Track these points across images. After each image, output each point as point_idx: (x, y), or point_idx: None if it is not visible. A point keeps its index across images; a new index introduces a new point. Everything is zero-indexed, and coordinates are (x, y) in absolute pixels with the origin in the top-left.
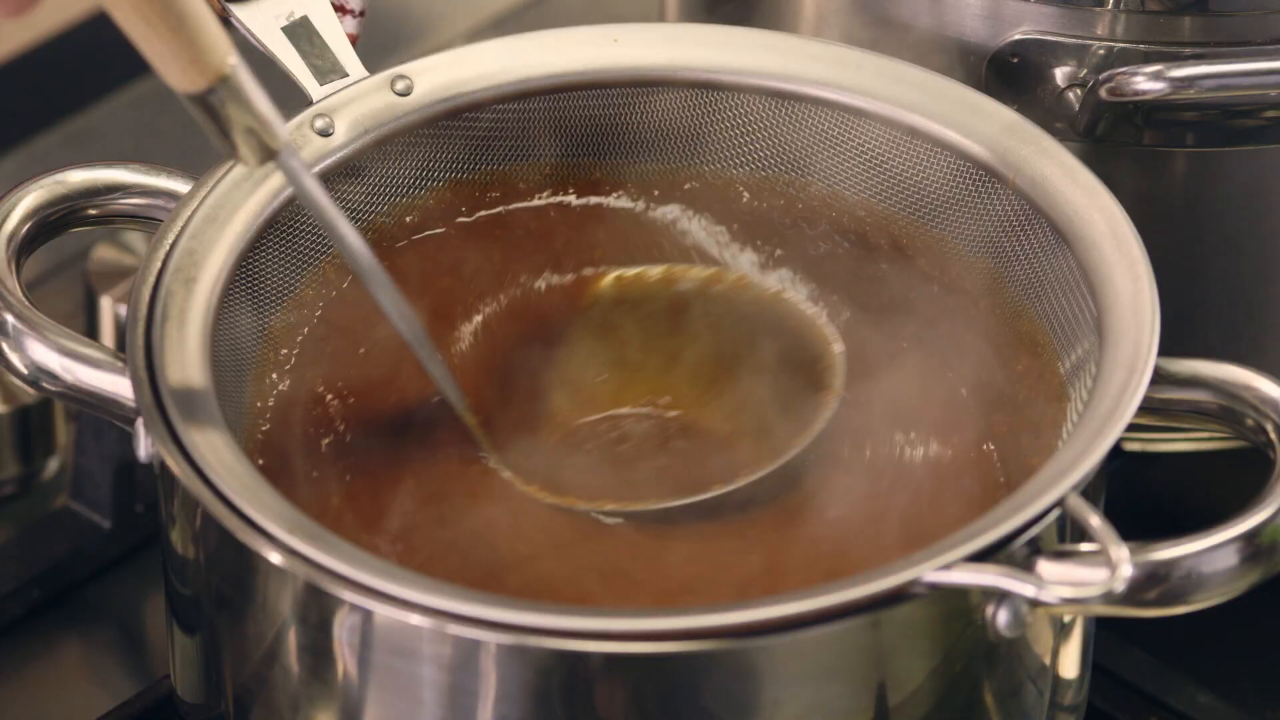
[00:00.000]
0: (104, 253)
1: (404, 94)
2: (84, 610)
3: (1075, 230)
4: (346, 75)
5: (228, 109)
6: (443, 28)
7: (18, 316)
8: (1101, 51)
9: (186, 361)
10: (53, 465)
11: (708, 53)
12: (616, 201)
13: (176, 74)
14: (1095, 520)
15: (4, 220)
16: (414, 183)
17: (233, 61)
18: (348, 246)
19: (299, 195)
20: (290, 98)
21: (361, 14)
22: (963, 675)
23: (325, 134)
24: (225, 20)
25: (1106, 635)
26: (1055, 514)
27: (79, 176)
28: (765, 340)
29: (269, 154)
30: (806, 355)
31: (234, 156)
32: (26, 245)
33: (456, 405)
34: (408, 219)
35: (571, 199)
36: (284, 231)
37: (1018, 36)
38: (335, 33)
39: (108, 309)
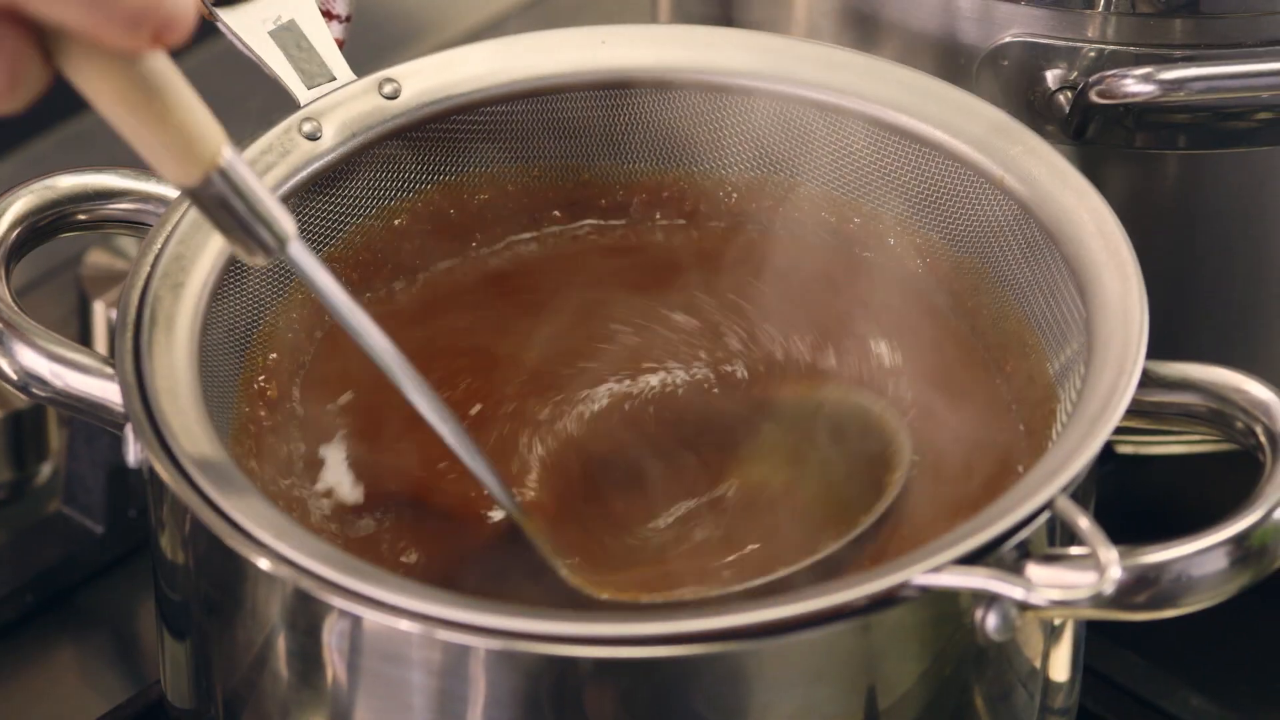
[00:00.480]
0: (97, 258)
1: (392, 97)
2: (77, 615)
3: (1064, 230)
4: (334, 79)
5: (226, 202)
6: (432, 32)
7: (6, 322)
8: (1092, 54)
9: (175, 367)
10: (45, 470)
11: (696, 54)
12: (606, 205)
13: (169, 166)
14: (1084, 522)
15: None
16: (403, 186)
17: (227, 153)
18: (371, 344)
19: (313, 290)
20: (278, 101)
21: (348, 19)
22: (953, 678)
23: (313, 138)
24: (211, 24)
25: (1098, 637)
26: (1045, 516)
27: (69, 181)
28: (826, 434)
29: (272, 249)
30: (871, 446)
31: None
32: (16, 251)
33: (511, 510)
34: (396, 222)
35: (561, 205)
36: None
37: (1008, 39)
38: (322, 36)
39: (101, 314)
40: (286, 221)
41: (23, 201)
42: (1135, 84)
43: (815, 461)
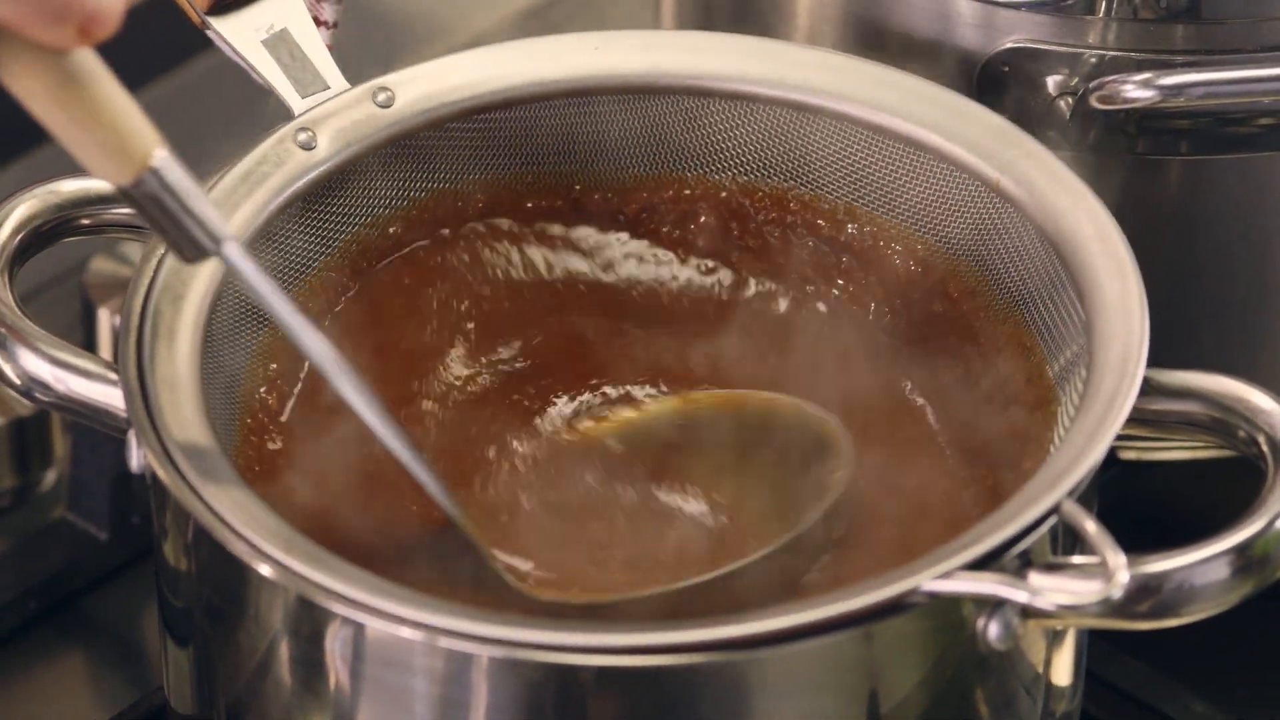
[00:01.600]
0: (102, 264)
1: (386, 105)
2: (81, 621)
3: (1061, 233)
4: (328, 88)
5: (160, 202)
6: (426, 40)
7: (10, 327)
8: (1093, 60)
9: (177, 378)
10: (50, 477)
11: (691, 59)
12: (600, 211)
13: (101, 165)
14: (1091, 526)
15: None
16: (398, 194)
17: (160, 153)
18: (306, 346)
19: (248, 293)
20: (272, 111)
21: (335, 26)
22: (955, 687)
23: (308, 147)
24: (204, 33)
25: (1100, 643)
26: (1052, 520)
27: (71, 186)
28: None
29: (208, 250)
30: (814, 448)
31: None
32: (19, 256)
33: (450, 511)
34: (391, 230)
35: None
36: (270, 246)
37: (1009, 45)
38: (315, 45)
39: (105, 321)
40: (221, 223)
41: (25, 206)
42: (1136, 89)
43: (759, 468)
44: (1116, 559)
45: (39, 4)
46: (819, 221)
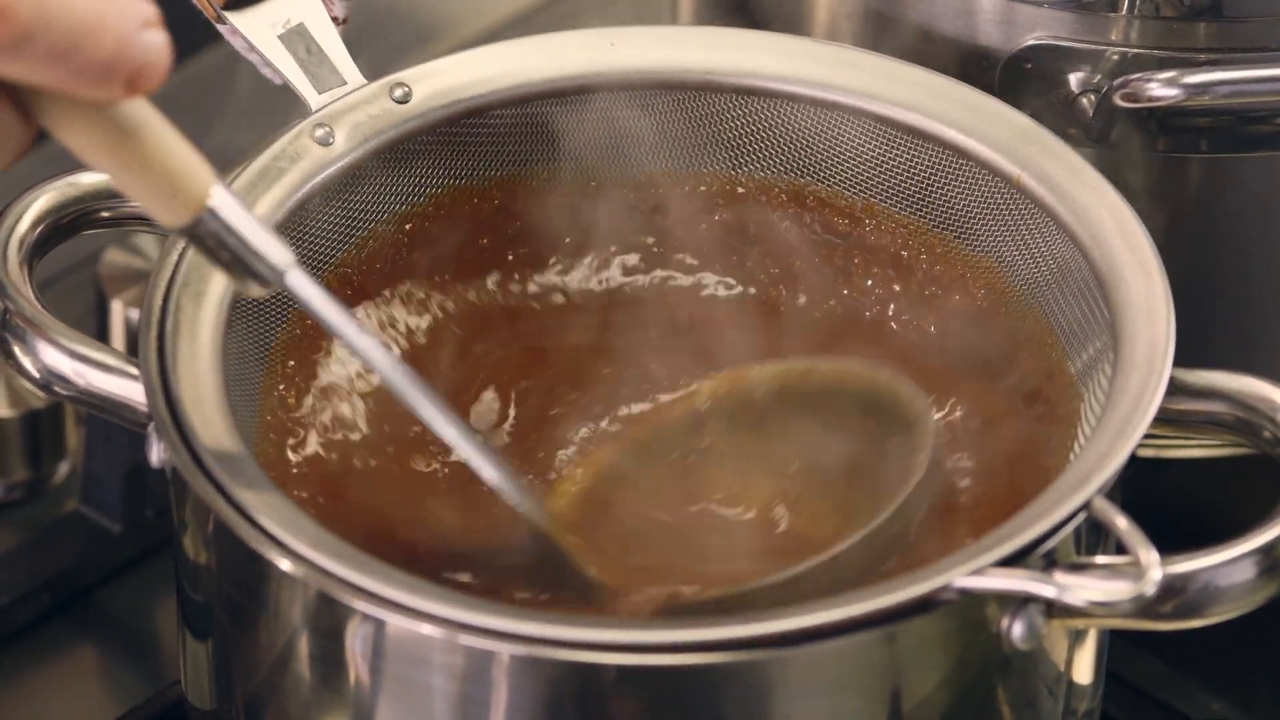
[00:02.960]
0: (115, 256)
1: (403, 101)
2: (94, 615)
3: (1084, 229)
4: (345, 83)
5: (220, 239)
6: (442, 35)
7: (29, 320)
8: (1116, 57)
9: (198, 373)
10: (63, 470)
11: (707, 55)
12: (619, 205)
13: (158, 210)
14: (1122, 523)
15: (16, 223)
16: (415, 190)
17: (216, 192)
18: (377, 364)
19: (314, 317)
20: (290, 106)
21: (344, 21)
22: (978, 686)
23: (325, 143)
24: (219, 26)
25: (1120, 642)
26: (1080, 519)
27: (90, 179)
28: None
29: (270, 281)
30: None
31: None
32: (38, 248)
33: (536, 518)
34: (408, 226)
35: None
36: (289, 242)
37: (1032, 42)
38: (332, 40)
39: (119, 313)
40: (282, 253)
41: (45, 199)
42: (1160, 88)
43: (838, 449)
44: (1149, 556)
45: (83, 67)
46: (837, 218)
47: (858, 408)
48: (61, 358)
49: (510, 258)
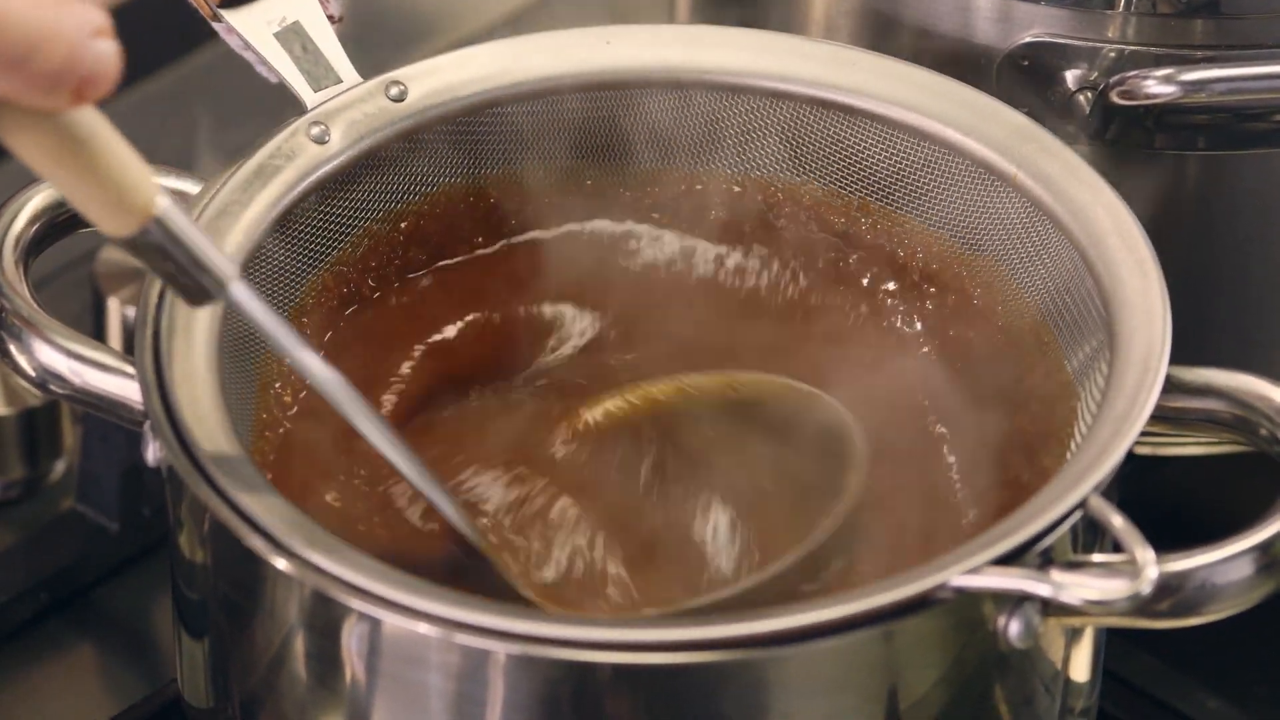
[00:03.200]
0: (111, 254)
1: (399, 99)
2: (91, 614)
3: (1080, 227)
4: (340, 81)
5: (164, 250)
6: (438, 33)
7: (26, 319)
8: (1113, 54)
9: (194, 372)
10: (59, 468)
11: (704, 53)
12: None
13: (103, 218)
14: (1118, 521)
15: (11, 222)
16: (411, 188)
17: (161, 202)
18: (315, 376)
19: (254, 327)
20: (285, 105)
21: (340, 19)
22: (975, 685)
23: (321, 141)
24: (215, 25)
25: (1117, 640)
26: (1076, 517)
27: None
28: (784, 434)
29: (214, 293)
30: (828, 440)
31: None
32: (34, 247)
33: (469, 534)
34: (404, 224)
35: (566, 203)
36: (285, 240)
37: (1029, 39)
38: (327, 38)
39: (115, 310)
40: (226, 265)
41: (41, 197)
42: (1157, 85)
43: (771, 458)
44: (1145, 555)
45: (31, 77)
46: (832, 217)
47: (790, 423)
48: (57, 356)
49: (505, 256)
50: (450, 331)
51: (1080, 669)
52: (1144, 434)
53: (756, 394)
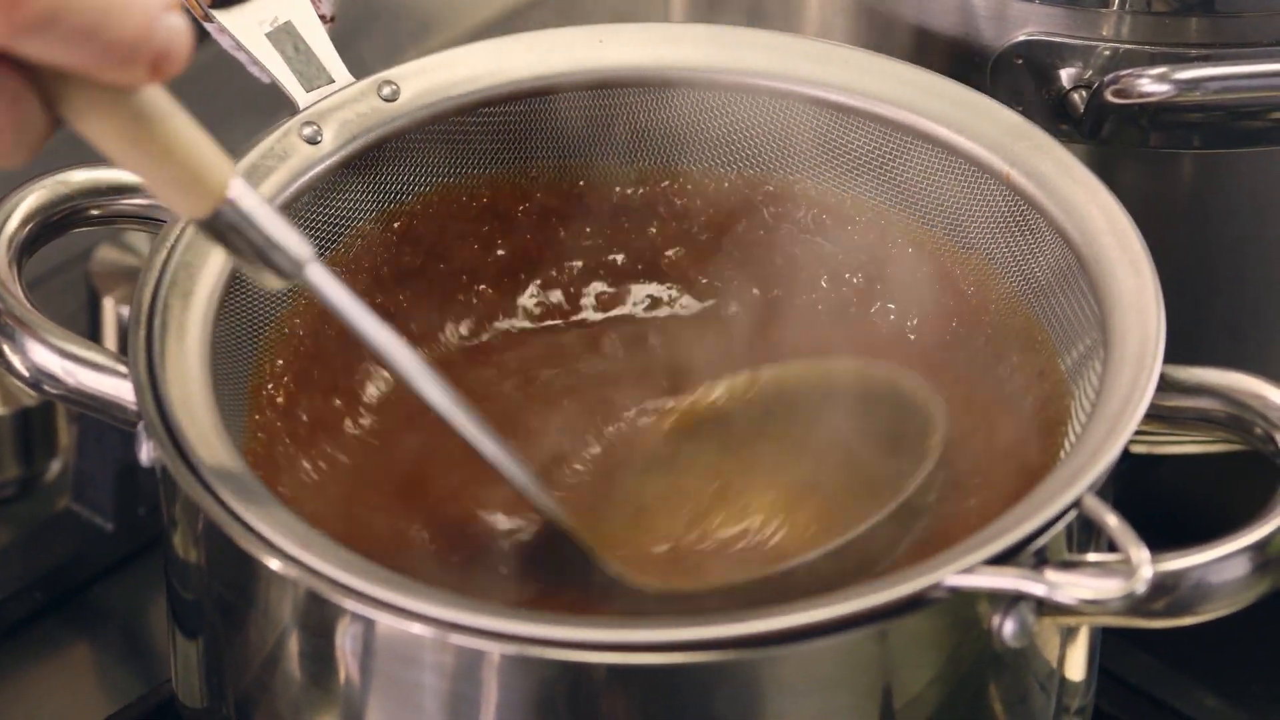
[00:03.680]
0: (107, 253)
1: (391, 99)
2: (86, 613)
3: (1074, 226)
4: (332, 81)
5: (239, 231)
6: (430, 33)
7: (19, 319)
8: (1107, 53)
9: (186, 373)
10: (54, 467)
11: (696, 52)
12: (605, 204)
13: (178, 201)
14: (1113, 520)
15: (5, 221)
16: (403, 188)
17: (236, 183)
18: (394, 360)
19: (333, 310)
20: (277, 105)
21: (332, 20)
22: (970, 683)
23: (313, 141)
24: (206, 25)
25: (1113, 639)
26: (1071, 516)
27: (81, 176)
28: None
29: (289, 274)
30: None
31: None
32: (28, 246)
33: (548, 508)
34: (396, 224)
35: (558, 202)
36: None
37: (1023, 37)
38: (319, 38)
39: (110, 310)
40: (301, 245)
41: (35, 196)
42: (1151, 84)
43: (844, 442)
44: (1140, 554)
45: (108, 47)
46: (826, 215)
47: (862, 404)
48: (51, 356)
49: (499, 256)
50: (446, 332)
51: (1075, 668)
52: (1138, 433)
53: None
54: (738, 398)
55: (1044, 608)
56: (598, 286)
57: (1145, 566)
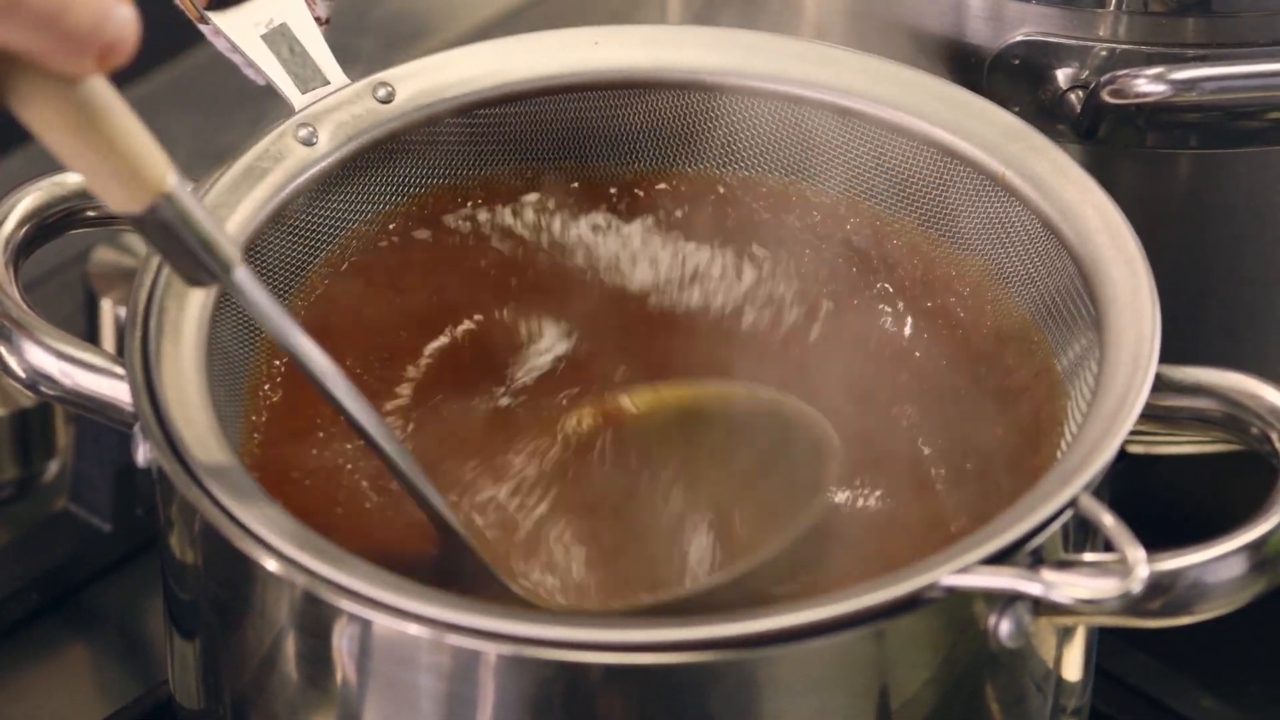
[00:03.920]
0: (104, 255)
1: (386, 101)
2: (84, 614)
3: (1070, 226)
4: (328, 83)
5: (171, 229)
6: (426, 35)
7: (15, 321)
8: (1104, 53)
9: (182, 374)
10: (52, 468)
11: (691, 54)
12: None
13: (115, 193)
14: (1109, 520)
15: (2, 222)
16: (398, 190)
17: (172, 180)
18: (312, 367)
19: (254, 317)
20: (273, 107)
21: (327, 22)
22: (966, 684)
23: (309, 143)
24: (202, 27)
25: (1110, 639)
26: (1066, 515)
27: (77, 178)
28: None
29: (217, 275)
30: (806, 447)
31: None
32: (25, 248)
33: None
34: (391, 226)
35: (553, 205)
36: (271, 243)
37: (1019, 38)
38: (315, 39)
39: (108, 312)
40: (231, 248)
41: (31, 198)
42: (1148, 84)
43: (751, 464)
44: (1136, 554)
45: (64, 34)
46: (821, 217)
47: (757, 428)
48: (47, 358)
49: (493, 257)
50: (435, 335)
51: (1072, 668)
52: (1134, 432)
53: (727, 403)
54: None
55: (1040, 607)
56: (590, 286)
57: (1141, 566)
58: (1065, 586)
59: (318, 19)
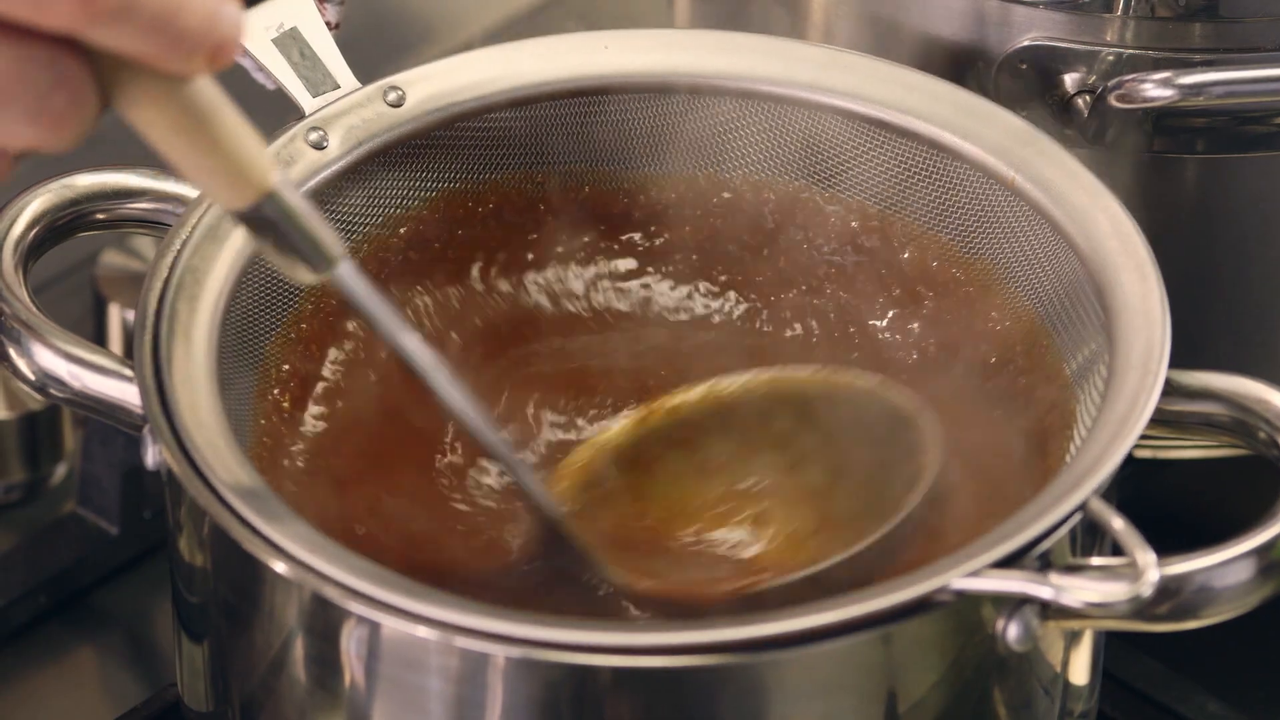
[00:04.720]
0: (112, 258)
1: (396, 104)
2: (91, 616)
3: (1079, 231)
4: (339, 87)
5: (276, 225)
6: (436, 38)
7: (25, 323)
8: (1111, 58)
9: (193, 378)
10: (60, 471)
11: (701, 57)
12: (612, 208)
13: (222, 191)
14: (1119, 523)
15: (11, 225)
16: (409, 194)
17: (277, 177)
18: (417, 362)
19: (358, 310)
20: (283, 110)
21: (337, 26)
22: (974, 688)
23: (319, 147)
24: None
25: (1117, 643)
26: (1076, 519)
27: (87, 180)
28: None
29: (320, 270)
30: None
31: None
32: (34, 250)
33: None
34: (403, 230)
35: (565, 208)
36: None
37: (1027, 43)
38: (325, 43)
39: (116, 315)
40: (335, 243)
41: (40, 200)
42: (1155, 88)
43: (843, 456)
44: (1146, 557)
45: (176, 37)
46: (831, 220)
47: (852, 415)
48: (57, 360)
49: (505, 261)
50: (451, 337)
51: (1080, 672)
52: (1143, 437)
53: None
54: (729, 400)
55: (1049, 611)
56: (600, 290)
57: (1151, 570)
58: (1075, 590)
59: (328, 23)
